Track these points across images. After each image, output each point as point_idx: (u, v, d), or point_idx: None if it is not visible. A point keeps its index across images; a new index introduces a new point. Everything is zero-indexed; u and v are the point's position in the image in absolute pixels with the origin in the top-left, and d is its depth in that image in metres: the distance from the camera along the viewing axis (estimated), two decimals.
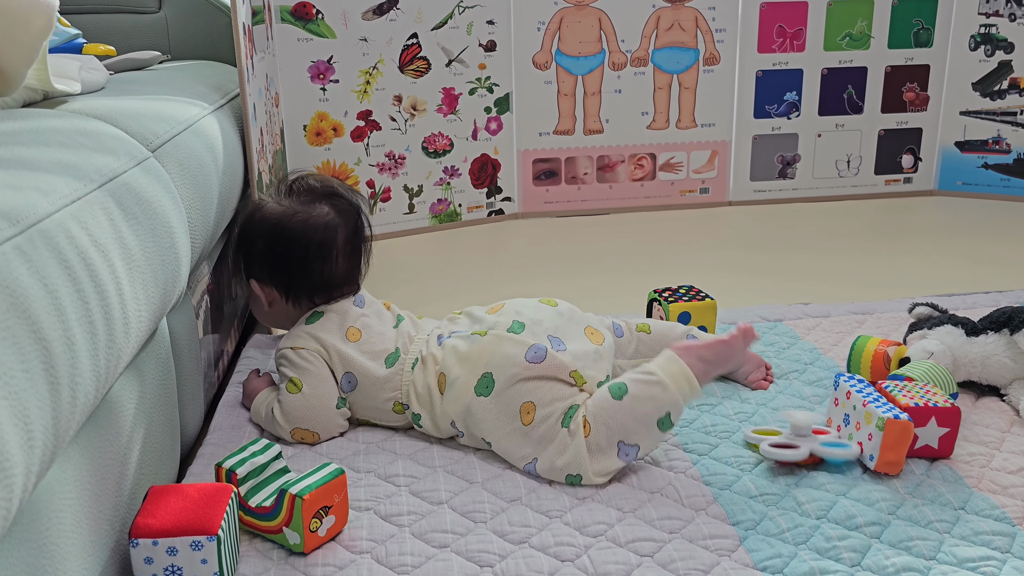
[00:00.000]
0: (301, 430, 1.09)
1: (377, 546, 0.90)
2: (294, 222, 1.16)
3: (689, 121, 2.31)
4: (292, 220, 1.16)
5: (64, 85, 1.03)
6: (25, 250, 0.59)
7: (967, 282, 1.70)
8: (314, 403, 1.09)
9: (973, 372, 1.19)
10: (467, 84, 2.15)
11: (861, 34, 2.29)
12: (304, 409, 1.09)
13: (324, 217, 1.17)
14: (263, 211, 1.19)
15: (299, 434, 1.10)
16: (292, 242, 1.16)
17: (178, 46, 1.78)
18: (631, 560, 0.87)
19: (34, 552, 0.61)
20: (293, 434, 1.10)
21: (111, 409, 0.78)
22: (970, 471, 1.02)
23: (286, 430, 1.10)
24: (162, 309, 0.86)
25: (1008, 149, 2.33)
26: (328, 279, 1.17)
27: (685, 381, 0.99)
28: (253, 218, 1.20)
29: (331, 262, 1.17)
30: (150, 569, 0.79)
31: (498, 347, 1.06)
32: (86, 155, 0.79)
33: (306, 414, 1.09)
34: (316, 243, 1.16)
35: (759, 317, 1.50)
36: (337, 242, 1.17)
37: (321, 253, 1.16)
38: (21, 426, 0.52)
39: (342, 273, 1.18)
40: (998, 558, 0.86)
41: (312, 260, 1.16)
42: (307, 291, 1.18)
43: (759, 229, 2.18)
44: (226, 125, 1.30)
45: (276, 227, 1.17)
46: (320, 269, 1.16)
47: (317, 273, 1.16)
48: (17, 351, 0.53)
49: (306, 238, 1.16)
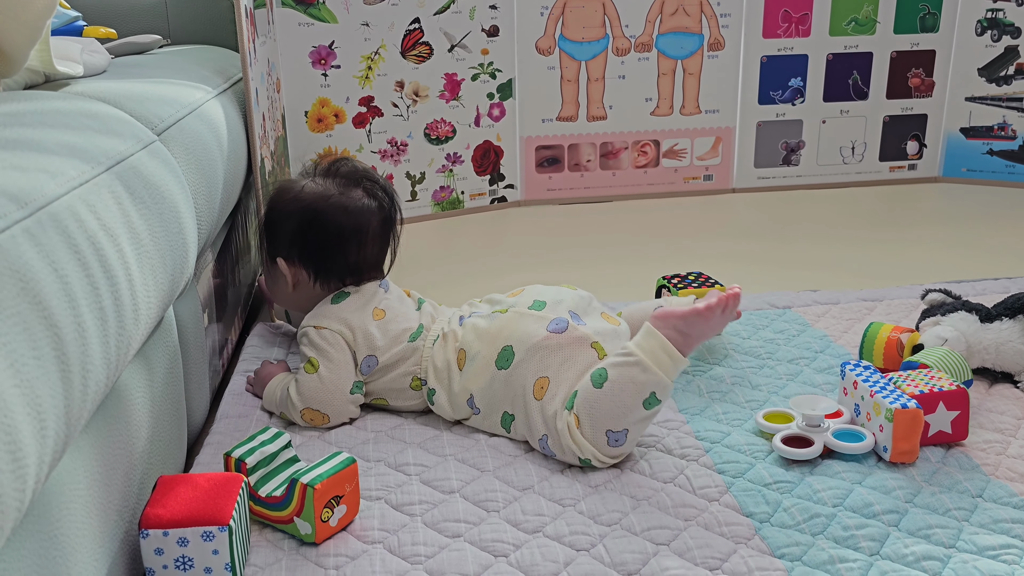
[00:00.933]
0: (311, 411, 1.09)
1: (389, 536, 0.89)
2: (331, 204, 1.17)
3: (693, 107, 2.30)
4: (329, 202, 1.17)
5: (66, 67, 1.01)
6: (34, 233, 0.57)
7: (974, 269, 1.69)
8: (329, 386, 1.09)
9: (987, 359, 1.18)
10: (469, 70, 2.13)
11: (867, 19, 2.27)
12: (318, 391, 1.08)
13: (360, 201, 1.18)
14: (297, 191, 1.19)
15: (309, 415, 1.09)
16: (328, 223, 1.16)
17: (178, 30, 1.75)
18: (647, 549, 0.86)
19: (45, 543, 0.59)
20: (303, 414, 1.09)
21: (120, 398, 0.77)
22: (986, 458, 1.01)
23: (298, 409, 1.09)
24: (170, 295, 0.85)
25: (1014, 135, 2.32)
26: (360, 262, 1.18)
27: (666, 356, 0.96)
28: (285, 197, 1.20)
29: (365, 246, 1.18)
30: (160, 560, 0.77)
31: (519, 322, 1.07)
32: (92, 137, 0.77)
33: (319, 396, 1.08)
34: (352, 226, 1.17)
35: (768, 304, 1.49)
36: (371, 227, 1.18)
37: (356, 237, 1.17)
38: (34, 415, 0.51)
39: (372, 258, 1.20)
40: (1019, 546, 0.85)
41: (347, 243, 1.17)
42: (338, 273, 1.18)
43: (763, 216, 2.16)
44: (229, 110, 1.28)
45: (311, 208, 1.17)
46: (354, 252, 1.17)
47: (352, 256, 1.17)
48: (28, 337, 0.52)
49: (342, 220, 1.16)
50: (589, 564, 0.84)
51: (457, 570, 0.83)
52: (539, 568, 0.83)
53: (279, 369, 1.18)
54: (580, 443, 0.98)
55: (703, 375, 1.24)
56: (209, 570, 0.78)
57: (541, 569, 0.83)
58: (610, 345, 1.06)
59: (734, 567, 0.83)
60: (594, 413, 0.97)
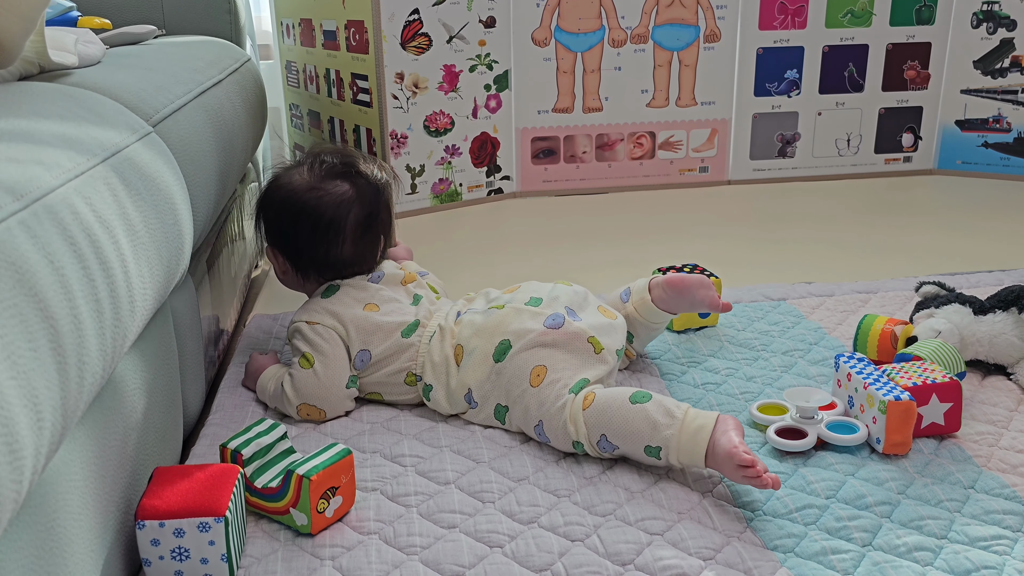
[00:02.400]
0: (308, 406, 1.09)
1: (385, 527, 0.89)
2: (307, 197, 1.15)
3: (689, 99, 2.29)
4: (306, 195, 1.15)
5: (61, 58, 1.00)
6: (30, 225, 0.57)
7: (969, 261, 1.70)
8: (324, 381, 1.08)
9: (980, 351, 1.18)
10: (467, 61, 2.12)
11: (863, 11, 2.27)
12: (314, 387, 1.08)
13: (339, 196, 1.15)
14: (282, 181, 1.18)
15: (305, 410, 1.09)
16: (303, 217, 1.14)
17: (173, 20, 1.74)
18: (641, 539, 0.86)
19: (42, 535, 0.59)
20: (300, 409, 1.09)
21: (115, 389, 0.77)
22: (979, 450, 1.01)
23: (294, 405, 1.09)
24: (166, 287, 0.85)
25: (1008, 128, 2.32)
26: (335, 260, 1.16)
27: (693, 441, 0.92)
28: (271, 188, 1.19)
29: (339, 244, 1.15)
30: (157, 551, 0.78)
31: (516, 317, 1.07)
32: (87, 129, 0.77)
33: (315, 391, 1.08)
34: (325, 222, 1.14)
35: (763, 296, 1.49)
36: (347, 223, 1.15)
37: (328, 234, 1.14)
38: (30, 407, 0.51)
39: (350, 255, 1.16)
40: (1010, 537, 0.86)
41: (319, 239, 1.15)
42: (316, 267, 1.17)
43: (759, 208, 2.16)
44: (224, 102, 1.28)
45: (289, 200, 1.16)
46: (326, 249, 1.15)
47: (323, 252, 1.15)
48: (25, 329, 0.52)
49: (315, 216, 1.14)
50: (583, 554, 0.84)
51: (452, 561, 0.84)
52: (534, 558, 0.84)
53: (270, 360, 1.17)
54: (578, 423, 0.98)
55: (697, 367, 1.24)
56: (205, 561, 0.78)
57: (536, 559, 0.84)
58: (606, 339, 1.07)
59: (728, 558, 0.84)
60: (608, 413, 0.96)
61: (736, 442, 0.90)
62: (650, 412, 0.95)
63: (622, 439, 0.96)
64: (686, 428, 0.93)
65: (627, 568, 0.82)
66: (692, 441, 0.92)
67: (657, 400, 0.96)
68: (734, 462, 0.89)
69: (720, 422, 0.93)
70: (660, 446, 0.94)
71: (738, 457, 0.89)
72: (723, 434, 0.91)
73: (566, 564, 0.83)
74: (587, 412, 0.98)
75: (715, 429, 0.92)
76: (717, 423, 0.92)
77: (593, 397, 0.99)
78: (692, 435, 0.92)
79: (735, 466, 0.89)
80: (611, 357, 1.07)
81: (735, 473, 0.90)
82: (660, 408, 0.95)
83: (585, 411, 0.98)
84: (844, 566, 0.82)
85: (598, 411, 0.97)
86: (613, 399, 0.98)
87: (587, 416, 0.98)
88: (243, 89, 1.44)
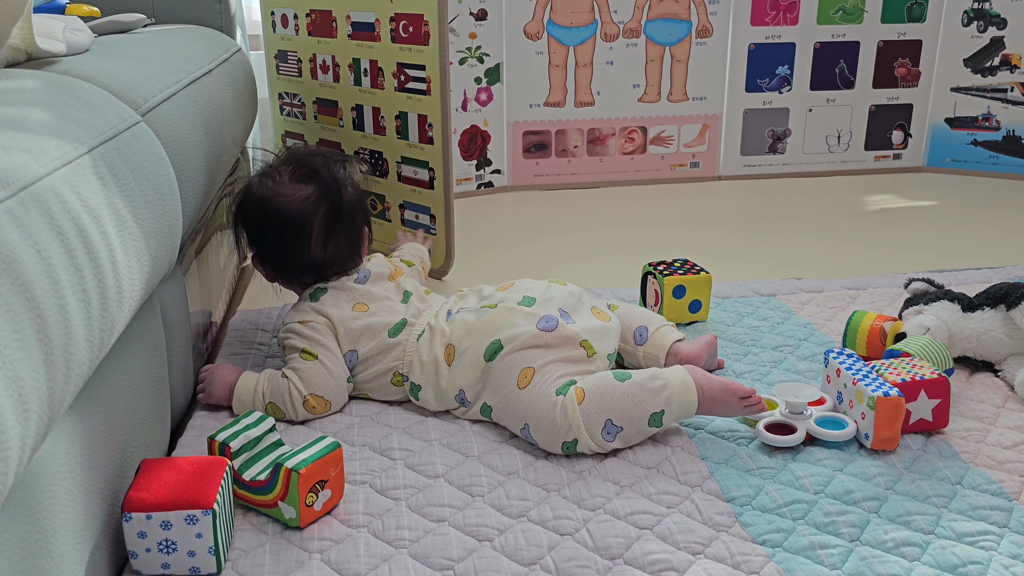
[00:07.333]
0: (315, 397, 1.07)
1: (374, 520, 0.89)
2: (273, 204, 1.14)
3: (681, 94, 2.29)
4: (272, 202, 1.14)
5: (49, 46, 0.99)
6: (16, 214, 0.56)
7: (957, 259, 1.70)
8: (333, 370, 1.08)
9: (968, 348, 1.19)
10: (457, 54, 2.11)
11: (854, 8, 2.28)
12: (323, 376, 1.07)
13: (302, 199, 1.14)
14: (251, 189, 1.18)
15: (312, 401, 1.07)
16: (271, 223, 1.14)
17: (162, 9, 1.73)
18: (630, 533, 0.86)
19: (28, 527, 0.59)
20: (307, 400, 1.07)
21: (103, 380, 0.76)
22: (966, 446, 1.02)
23: (302, 396, 1.06)
24: (154, 278, 0.84)
25: (998, 126, 2.33)
26: (310, 262, 1.15)
27: (685, 392, 0.99)
28: (243, 195, 1.18)
29: (308, 246, 1.14)
30: (144, 543, 0.77)
31: (508, 317, 1.07)
32: (75, 117, 0.76)
33: (324, 381, 1.07)
34: (292, 226, 1.13)
35: (753, 292, 1.49)
36: (312, 225, 1.14)
37: (298, 237, 1.14)
38: (16, 398, 0.50)
39: (324, 256, 1.15)
40: (996, 532, 0.86)
41: (288, 243, 1.14)
42: (295, 272, 1.17)
43: (749, 204, 2.17)
44: (215, 91, 1.27)
45: (257, 208, 1.16)
46: (299, 252, 1.14)
47: (297, 256, 1.15)
48: (11, 319, 0.51)
49: (282, 221, 1.14)
50: (573, 548, 0.84)
51: (441, 554, 0.83)
52: (523, 552, 0.84)
53: (233, 371, 1.11)
54: (574, 420, 0.97)
55: None
56: (192, 554, 0.78)
57: (525, 553, 0.83)
58: (599, 343, 1.07)
59: (716, 552, 0.84)
60: (605, 396, 0.98)
61: (726, 379, 0.99)
62: (641, 382, 0.99)
63: (627, 417, 0.98)
64: (674, 383, 0.99)
65: (616, 562, 0.82)
66: (685, 393, 0.99)
67: (636, 372, 1.01)
68: (737, 395, 0.98)
69: (691, 370, 1.00)
70: (663, 409, 0.99)
71: (740, 389, 0.98)
72: (705, 378, 1.00)
73: (555, 558, 0.83)
74: (583, 406, 0.98)
75: (694, 376, 0.99)
76: (690, 371, 1.00)
77: (583, 391, 0.99)
78: (681, 388, 0.99)
79: (738, 399, 0.98)
80: (603, 361, 1.07)
81: (736, 407, 0.98)
82: (645, 377, 1.00)
83: (581, 405, 0.98)
84: (832, 561, 0.83)
85: (595, 399, 0.98)
86: (603, 384, 0.99)
87: (584, 409, 0.98)
88: (233, 79, 1.43)
